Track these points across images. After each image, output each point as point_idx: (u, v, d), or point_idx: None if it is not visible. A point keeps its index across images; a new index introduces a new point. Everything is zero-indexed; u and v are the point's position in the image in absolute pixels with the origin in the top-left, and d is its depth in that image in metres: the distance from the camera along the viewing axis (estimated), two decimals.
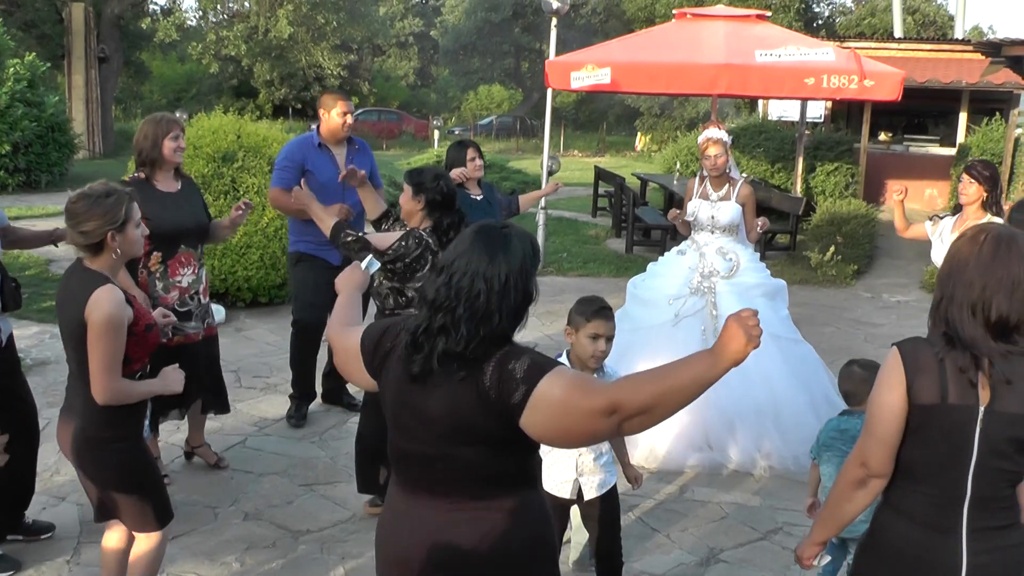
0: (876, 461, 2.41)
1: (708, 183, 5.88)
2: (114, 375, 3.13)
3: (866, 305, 10.31)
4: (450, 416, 2.19)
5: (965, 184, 5.39)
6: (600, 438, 2.18)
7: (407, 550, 2.31)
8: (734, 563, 4.45)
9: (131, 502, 3.30)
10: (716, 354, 2.06)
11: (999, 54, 11.52)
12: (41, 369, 6.73)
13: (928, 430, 2.35)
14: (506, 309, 2.20)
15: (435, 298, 2.22)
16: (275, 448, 5.59)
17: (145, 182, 4.73)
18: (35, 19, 25.75)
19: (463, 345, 2.16)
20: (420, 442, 2.26)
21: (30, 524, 4.39)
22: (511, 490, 2.29)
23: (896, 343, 2.44)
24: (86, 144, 22.29)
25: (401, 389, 2.28)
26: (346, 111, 5.66)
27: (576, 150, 35.62)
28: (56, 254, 10.88)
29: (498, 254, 2.21)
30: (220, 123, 9.08)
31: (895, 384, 2.36)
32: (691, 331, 5.68)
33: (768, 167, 15.14)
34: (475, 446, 2.20)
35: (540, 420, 2.13)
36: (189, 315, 4.90)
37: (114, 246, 3.19)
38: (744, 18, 10.80)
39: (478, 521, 2.26)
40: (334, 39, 36.43)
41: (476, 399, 2.15)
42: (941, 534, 2.38)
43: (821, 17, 42.47)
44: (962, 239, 2.44)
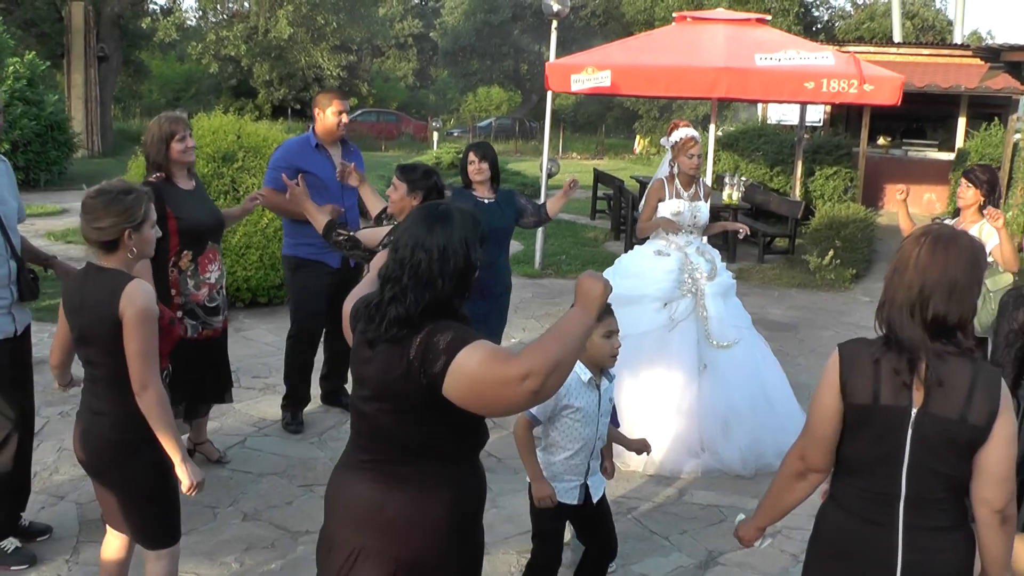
0: (812, 456, 2.53)
1: (678, 183, 5.77)
2: (155, 369, 3.07)
3: (864, 309, 10.32)
4: (380, 381, 2.38)
5: (963, 188, 5.48)
6: (517, 406, 2.28)
7: (342, 505, 2.50)
8: (732, 566, 4.46)
9: (152, 509, 3.21)
10: (585, 305, 2.30)
11: (998, 59, 11.54)
12: (40, 368, 6.68)
13: (861, 428, 2.42)
14: (447, 275, 2.37)
15: (385, 272, 2.44)
16: (274, 448, 5.59)
17: (167, 181, 4.76)
18: (35, 18, 25.72)
19: (410, 310, 2.35)
20: (363, 403, 2.46)
21: (27, 526, 4.37)
22: (424, 464, 2.44)
23: (840, 344, 2.51)
24: (85, 143, 22.29)
25: (357, 354, 2.49)
26: (341, 110, 5.60)
27: (575, 152, 35.61)
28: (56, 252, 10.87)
29: (436, 226, 2.41)
30: (220, 123, 9.09)
31: (831, 384, 2.45)
32: (686, 335, 5.62)
33: (767, 170, 15.16)
34: (397, 413, 2.39)
35: (460, 387, 2.26)
36: (216, 310, 4.98)
37: (130, 245, 3.13)
38: (744, 22, 10.83)
39: (384, 484, 2.43)
40: (334, 40, 36.43)
41: (403, 367, 2.33)
42: (877, 528, 2.43)
43: (820, 21, 42.53)
44: (907, 240, 2.48)
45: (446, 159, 18.53)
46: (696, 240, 5.89)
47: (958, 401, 2.33)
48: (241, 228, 8.45)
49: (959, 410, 2.32)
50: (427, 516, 2.42)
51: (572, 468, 3.67)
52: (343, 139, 5.78)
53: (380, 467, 2.45)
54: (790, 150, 14.65)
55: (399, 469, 2.43)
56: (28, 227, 12.55)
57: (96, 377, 3.19)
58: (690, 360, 5.58)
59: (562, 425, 3.63)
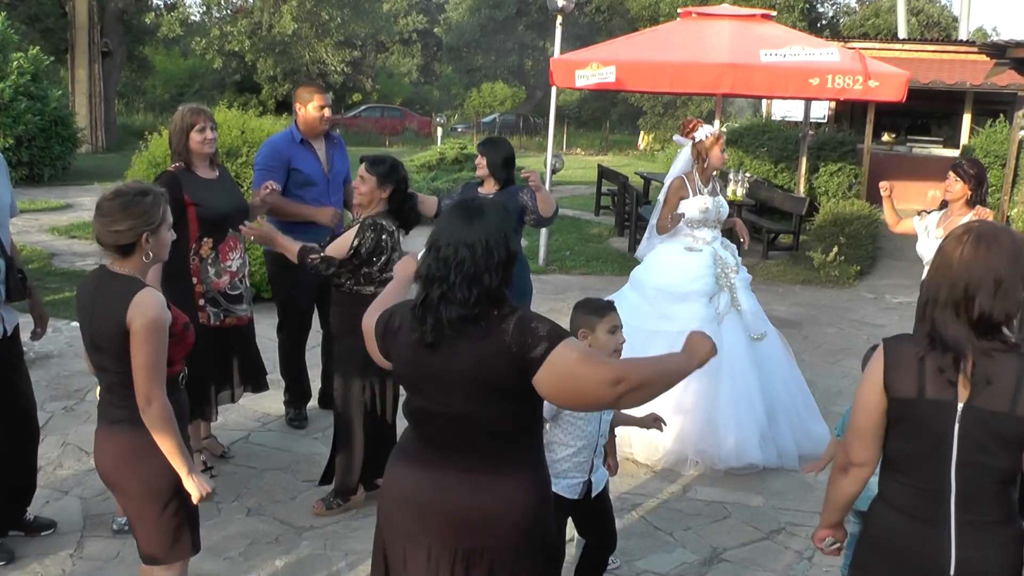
0: (855, 451, 2.52)
1: (698, 179, 5.77)
2: (160, 382, 2.99)
3: (869, 306, 10.31)
4: (476, 372, 2.39)
5: (951, 182, 5.55)
6: (600, 405, 2.44)
7: (428, 504, 2.49)
8: (737, 563, 4.45)
9: (165, 519, 3.11)
10: (690, 353, 2.52)
11: (1004, 56, 11.49)
12: (44, 363, 6.73)
13: (906, 423, 2.41)
14: (492, 267, 2.42)
15: (427, 273, 2.47)
16: (278, 444, 5.59)
17: (186, 170, 4.79)
18: (39, 13, 25.73)
19: (465, 307, 2.38)
20: (443, 404, 2.46)
21: (31, 520, 4.38)
22: (522, 455, 2.52)
23: (884, 338, 2.50)
24: (89, 138, 22.32)
25: (418, 359, 2.48)
26: (323, 104, 5.53)
27: (579, 148, 35.62)
28: (59, 248, 10.90)
29: (474, 221, 2.45)
30: (224, 118, 9.08)
31: (874, 379, 2.45)
32: (733, 328, 5.67)
33: (771, 167, 15.12)
34: (495, 404, 2.42)
35: (553, 379, 2.35)
36: (240, 298, 5.00)
37: (147, 248, 3.05)
38: (749, 18, 10.80)
39: (492, 479, 2.47)
40: (338, 35, 36.41)
41: (499, 353, 2.37)
42: (929, 526, 2.41)
43: (825, 17, 42.43)
44: (948, 239, 2.47)
45: (450, 155, 18.48)
46: (718, 235, 5.91)
47: (1005, 396, 2.32)
48: None
49: (1007, 405, 2.32)
50: (525, 501, 2.51)
51: (576, 465, 3.67)
52: (327, 132, 5.73)
53: (467, 463, 2.48)
54: (795, 146, 14.62)
55: (487, 462, 2.48)
56: (32, 222, 12.58)
57: (111, 384, 3.11)
58: (744, 353, 5.64)
59: (565, 423, 3.62)
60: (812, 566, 4.44)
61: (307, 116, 5.54)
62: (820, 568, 4.42)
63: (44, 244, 11.03)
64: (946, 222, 5.52)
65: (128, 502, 3.19)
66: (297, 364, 5.92)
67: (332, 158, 5.69)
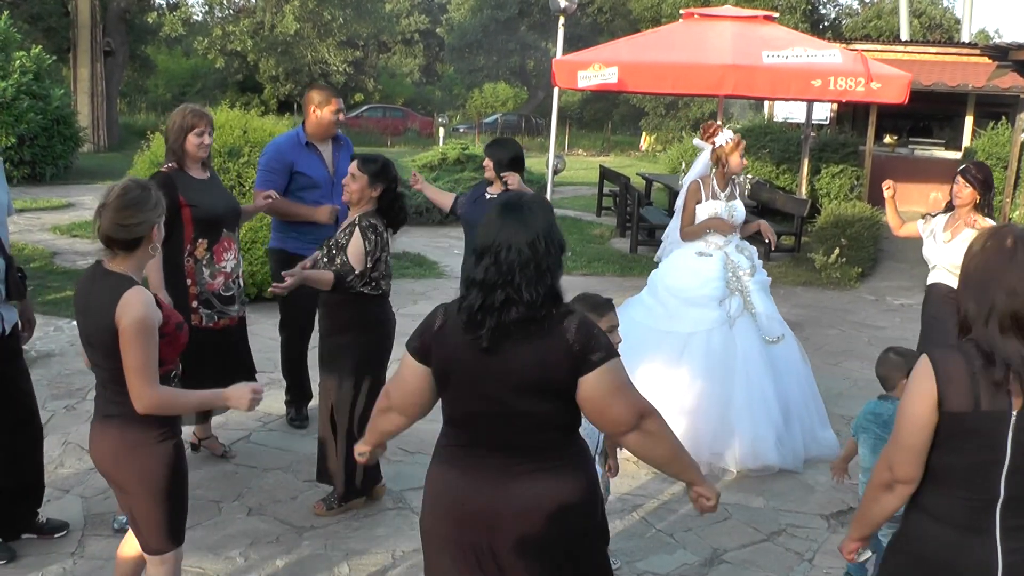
0: (902, 468, 2.44)
1: (715, 183, 5.81)
2: (152, 380, 3.02)
3: (870, 308, 10.31)
4: (537, 370, 2.44)
5: (960, 187, 5.47)
6: (617, 428, 2.53)
7: (473, 506, 2.55)
8: (737, 564, 4.45)
9: (163, 507, 3.17)
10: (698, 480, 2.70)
11: (1006, 58, 11.50)
12: (46, 361, 6.74)
13: (960, 437, 2.35)
14: (552, 263, 2.48)
15: (485, 278, 2.46)
16: (279, 443, 5.59)
17: (180, 171, 4.77)
18: (41, 12, 25.76)
19: (533, 308, 2.43)
20: (500, 404, 2.49)
21: (44, 523, 4.36)
22: (572, 442, 2.61)
23: (926, 352, 2.44)
24: (91, 137, 22.33)
25: (474, 362, 2.49)
26: (338, 108, 5.53)
27: (581, 149, 35.61)
28: (61, 247, 10.91)
29: (527, 221, 2.48)
30: (226, 118, 9.10)
31: (925, 394, 2.37)
32: (746, 331, 5.68)
33: (773, 168, 15.13)
34: (551, 399, 2.48)
35: (599, 387, 2.46)
36: (232, 299, 5.00)
37: (155, 240, 3.11)
38: (751, 19, 10.80)
39: (554, 474, 2.53)
40: (340, 35, 36.43)
41: (561, 351, 2.44)
42: (976, 535, 2.38)
43: (827, 19, 42.41)
44: (986, 248, 2.43)
45: (452, 155, 18.48)
46: (734, 238, 5.91)
47: None
48: (247, 223, 8.44)
49: None
50: (585, 487, 2.60)
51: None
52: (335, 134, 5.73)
53: (527, 460, 2.52)
54: (796, 148, 14.61)
55: (546, 455, 2.53)
56: (34, 221, 12.59)
57: (104, 380, 3.15)
58: (758, 356, 5.65)
59: None
60: (812, 568, 4.44)
61: (320, 119, 5.52)
62: (820, 570, 4.42)
63: (46, 243, 11.04)
64: (953, 226, 5.49)
65: (123, 494, 3.24)
66: (299, 364, 5.93)
67: (338, 160, 5.66)
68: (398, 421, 2.78)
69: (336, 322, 4.59)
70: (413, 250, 11.84)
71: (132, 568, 3.42)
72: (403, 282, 10.11)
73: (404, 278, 10.31)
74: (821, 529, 4.83)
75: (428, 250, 12.14)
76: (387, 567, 4.24)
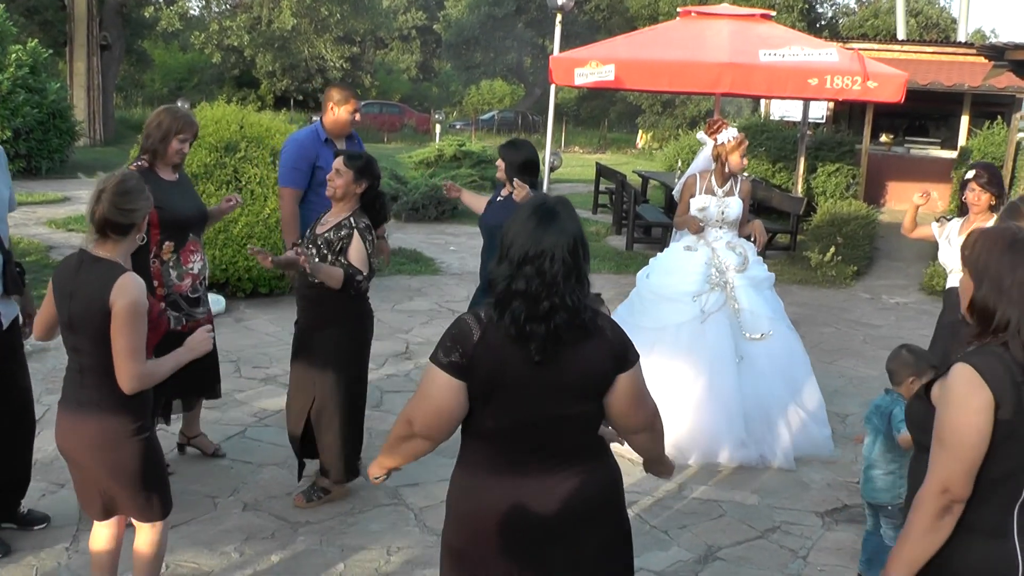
0: (961, 486, 2.32)
1: (712, 179, 5.83)
2: (141, 361, 3.10)
3: (865, 306, 10.33)
4: (587, 373, 2.47)
5: (977, 194, 5.42)
6: (639, 426, 2.63)
7: (515, 521, 2.51)
8: (732, 561, 4.46)
9: (144, 494, 3.27)
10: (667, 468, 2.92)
11: (1002, 58, 11.51)
12: (41, 355, 6.72)
13: (1008, 444, 2.30)
14: (584, 268, 2.49)
15: (528, 289, 2.41)
16: (274, 439, 5.58)
17: (150, 170, 4.67)
18: (38, 5, 25.72)
19: (577, 313, 2.42)
20: (545, 411, 2.47)
21: (25, 513, 4.36)
22: (599, 440, 2.65)
23: (965, 360, 2.35)
24: (87, 131, 22.28)
25: (526, 374, 2.44)
26: (356, 109, 5.63)
27: (577, 146, 35.62)
28: (57, 240, 10.89)
29: (562, 227, 2.46)
30: (223, 113, 9.09)
31: (982, 406, 2.28)
32: (719, 327, 5.69)
33: (769, 167, 15.15)
34: (592, 400, 2.52)
35: (631, 387, 2.52)
36: (198, 301, 4.92)
37: (142, 228, 3.22)
38: (748, 17, 10.79)
39: (593, 472, 2.57)
40: (337, 31, 36.43)
41: (605, 350, 2.48)
42: (999, 540, 2.37)
43: (824, 18, 42.47)
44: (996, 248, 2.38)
45: (448, 152, 18.50)
46: (727, 234, 5.91)
47: None
48: (243, 218, 8.45)
49: None
50: (617, 482, 2.67)
51: None
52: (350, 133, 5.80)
53: (567, 462, 2.53)
54: (793, 146, 14.64)
55: (582, 456, 2.56)
56: (30, 215, 12.57)
57: (83, 366, 3.18)
58: (725, 352, 5.64)
59: None
60: (807, 565, 4.45)
61: (338, 117, 5.59)
62: (815, 567, 4.44)
63: (42, 237, 11.03)
64: (968, 230, 5.49)
65: (92, 482, 3.29)
66: None
67: None
68: (422, 447, 2.61)
69: (319, 316, 4.61)
70: (409, 246, 11.84)
71: (108, 560, 3.47)
72: (399, 278, 10.12)
73: (400, 274, 10.31)
74: (816, 526, 4.85)
75: (424, 246, 12.13)
76: (382, 563, 4.24)
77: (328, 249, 4.46)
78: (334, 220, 4.55)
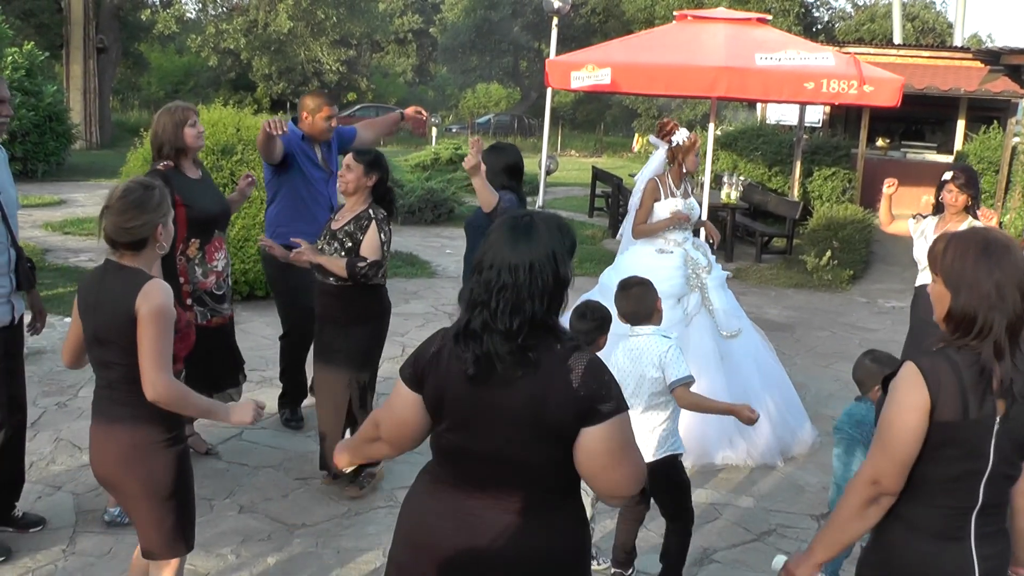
0: (891, 480, 2.35)
1: (670, 181, 5.77)
2: (167, 368, 2.99)
3: (861, 310, 10.35)
4: (534, 412, 2.19)
5: (955, 195, 5.60)
6: (616, 491, 2.27)
7: (454, 547, 2.30)
8: (727, 564, 4.47)
9: (172, 516, 3.13)
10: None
11: (998, 62, 11.54)
12: (37, 358, 6.72)
13: (949, 447, 2.30)
14: (536, 294, 2.20)
15: (471, 297, 2.27)
16: (270, 441, 5.59)
17: (175, 170, 4.78)
18: (34, 8, 25.70)
19: (509, 339, 2.18)
20: (488, 444, 2.25)
21: (20, 516, 4.36)
22: (567, 496, 2.34)
23: (911, 359, 2.35)
24: (83, 134, 22.26)
25: (463, 393, 2.26)
26: (331, 115, 5.58)
27: (573, 150, 35.65)
28: (53, 244, 10.88)
29: (520, 242, 2.24)
30: (220, 116, 9.09)
31: (917, 405, 2.29)
32: (702, 328, 5.71)
33: (765, 171, 15.16)
34: (547, 447, 2.22)
35: (603, 441, 2.19)
36: (224, 297, 5.06)
37: (160, 240, 3.09)
38: (744, 21, 10.81)
39: (547, 529, 2.29)
40: (333, 34, 36.40)
41: (564, 394, 2.18)
42: (954, 543, 2.37)
43: (820, 22, 42.56)
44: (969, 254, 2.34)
45: (444, 155, 18.53)
46: (690, 236, 5.95)
47: None
48: (240, 221, 8.45)
49: None
50: (578, 552, 2.39)
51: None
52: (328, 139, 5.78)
53: (508, 507, 2.28)
54: (789, 150, 14.66)
55: (531, 506, 2.28)
56: (26, 217, 12.54)
57: (112, 380, 3.09)
58: (710, 352, 5.67)
59: None
60: None
61: (313, 125, 5.57)
62: None
63: (38, 240, 11.01)
64: (943, 228, 5.56)
65: (126, 501, 3.19)
66: (299, 368, 5.90)
67: (328, 158, 5.78)
68: (385, 451, 2.56)
69: (342, 313, 4.72)
70: (405, 249, 11.84)
71: (145, 569, 3.32)
72: (395, 281, 10.11)
73: (396, 277, 10.31)
74: (811, 529, 4.85)
75: (420, 249, 12.14)
76: (378, 565, 4.24)
77: (352, 242, 4.61)
78: (350, 215, 4.70)
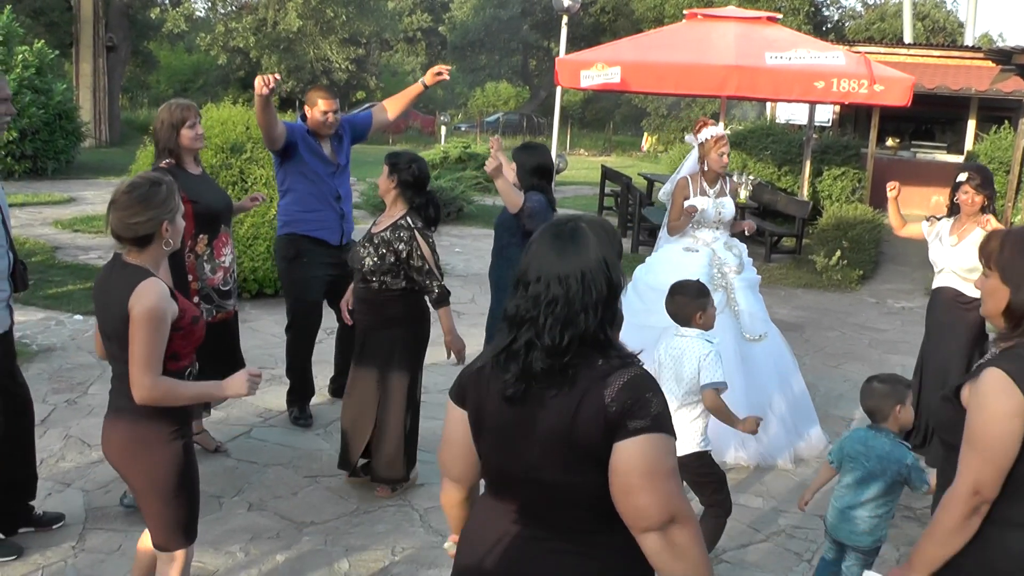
0: (992, 488, 2.35)
1: (703, 180, 5.79)
2: (154, 371, 3.00)
3: (871, 310, 10.31)
4: (566, 428, 2.02)
5: (971, 196, 5.49)
6: (639, 521, 2.03)
7: (493, 572, 2.18)
8: (736, 564, 4.45)
9: (173, 507, 3.16)
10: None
11: (1009, 62, 11.49)
12: (47, 355, 6.74)
13: None
14: (590, 305, 2.04)
15: (515, 313, 2.10)
16: (280, 439, 5.59)
17: (178, 167, 4.79)
18: (44, 6, 25.77)
19: (555, 355, 2.03)
20: (527, 464, 2.10)
21: (40, 515, 4.37)
22: (617, 526, 2.08)
23: (996, 365, 2.37)
24: (93, 132, 22.31)
25: (502, 408, 2.12)
26: (327, 109, 5.53)
27: (582, 149, 35.63)
28: (63, 241, 10.91)
29: (567, 251, 2.08)
30: (229, 114, 9.10)
31: (1014, 411, 2.31)
32: (724, 329, 5.64)
33: (775, 170, 15.13)
34: (591, 465, 2.03)
35: (631, 459, 1.99)
36: (229, 293, 5.10)
37: (167, 236, 3.08)
38: (754, 20, 10.80)
39: (581, 556, 2.10)
40: (342, 33, 36.46)
41: (595, 408, 2.00)
42: None
43: (830, 21, 42.41)
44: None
45: (453, 153, 18.51)
46: (723, 235, 5.92)
47: None
48: (249, 219, 8.46)
49: None
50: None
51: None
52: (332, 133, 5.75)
53: (553, 537, 2.11)
54: (798, 150, 14.62)
55: (575, 537, 2.10)
56: (36, 215, 12.59)
57: (118, 373, 3.13)
58: (728, 353, 5.61)
59: None
60: (811, 568, 4.44)
61: (314, 119, 5.58)
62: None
63: (47, 238, 11.04)
64: (959, 229, 5.55)
65: (133, 490, 3.26)
66: (306, 363, 5.90)
67: (338, 151, 5.76)
68: (456, 496, 2.34)
69: (384, 317, 4.74)
70: None
71: (150, 559, 3.38)
72: None
73: None
74: (820, 530, 4.82)
75: None
76: (387, 563, 4.24)
77: (386, 248, 4.61)
78: (388, 221, 4.72)
